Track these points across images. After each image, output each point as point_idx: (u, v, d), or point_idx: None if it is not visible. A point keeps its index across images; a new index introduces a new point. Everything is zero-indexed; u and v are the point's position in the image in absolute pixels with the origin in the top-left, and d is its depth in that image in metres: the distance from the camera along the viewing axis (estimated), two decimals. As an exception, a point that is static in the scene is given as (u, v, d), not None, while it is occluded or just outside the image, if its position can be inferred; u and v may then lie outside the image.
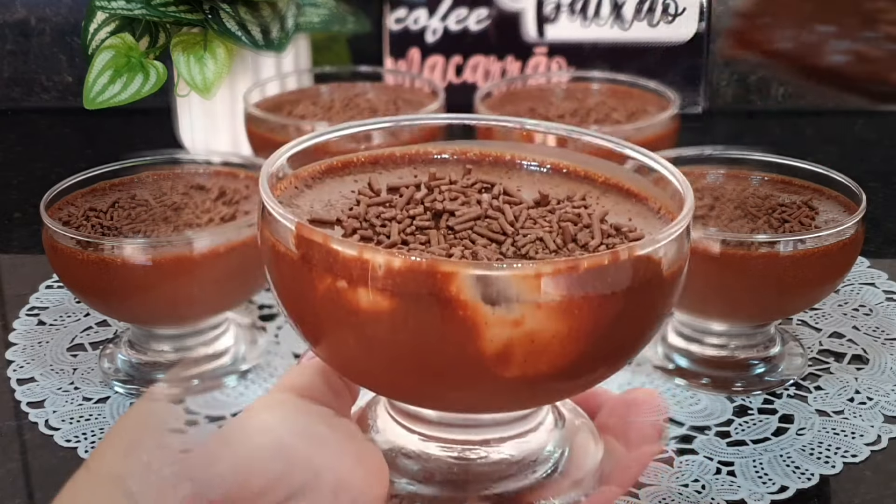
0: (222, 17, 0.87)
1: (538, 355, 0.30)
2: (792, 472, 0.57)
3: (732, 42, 0.91)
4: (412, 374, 0.32)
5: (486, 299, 0.29)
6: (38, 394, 0.65)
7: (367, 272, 0.30)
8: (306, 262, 0.32)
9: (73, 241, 0.61)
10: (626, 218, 0.37)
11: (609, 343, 0.32)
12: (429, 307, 0.30)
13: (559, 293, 0.30)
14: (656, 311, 0.34)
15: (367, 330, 0.31)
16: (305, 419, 0.33)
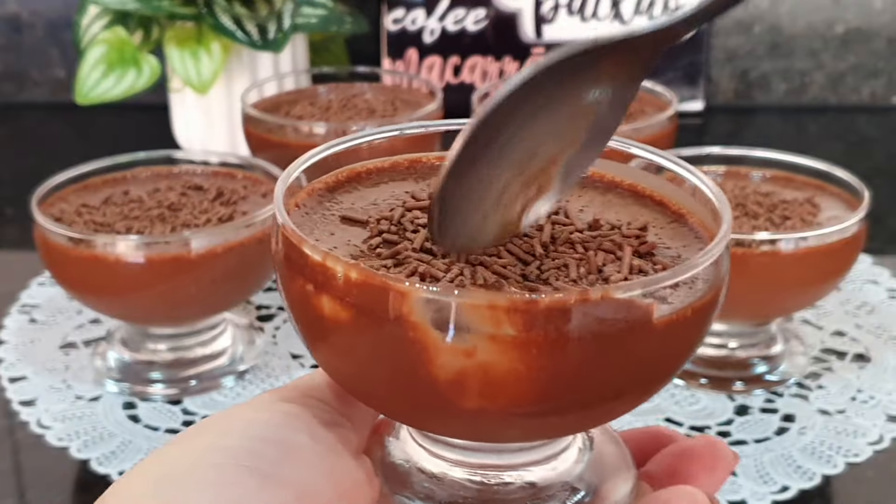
0: (217, 12, 0.86)
1: (495, 390, 0.29)
2: (794, 472, 0.57)
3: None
4: (379, 389, 0.32)
5: (435, 325, 0.28)
6: (30, 392, 0.64)
7: (329, 280, 0.29)
8: (288, 261, 0.31)
9: (65, 238, 0.60)
10: (677, 254, 0.34)
11: (581, 389, 0.30)
12: (381, 325, 0.29)
13: (514, 329, 0.28)
14: (643, 361, 0.30)
15: (332, 338, 0.31)
16: (281, 425, 0.32)
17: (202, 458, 0.30)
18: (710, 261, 0.30)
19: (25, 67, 1.14)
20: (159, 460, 0.30)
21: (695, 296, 0.30)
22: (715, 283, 0.31)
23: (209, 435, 0.31)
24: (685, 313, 0.30)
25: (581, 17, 1.07)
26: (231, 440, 0.31)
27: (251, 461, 0.30)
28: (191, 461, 0.30)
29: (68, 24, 1.08)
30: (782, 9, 1.10)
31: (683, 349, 0.32)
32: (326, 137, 0.77)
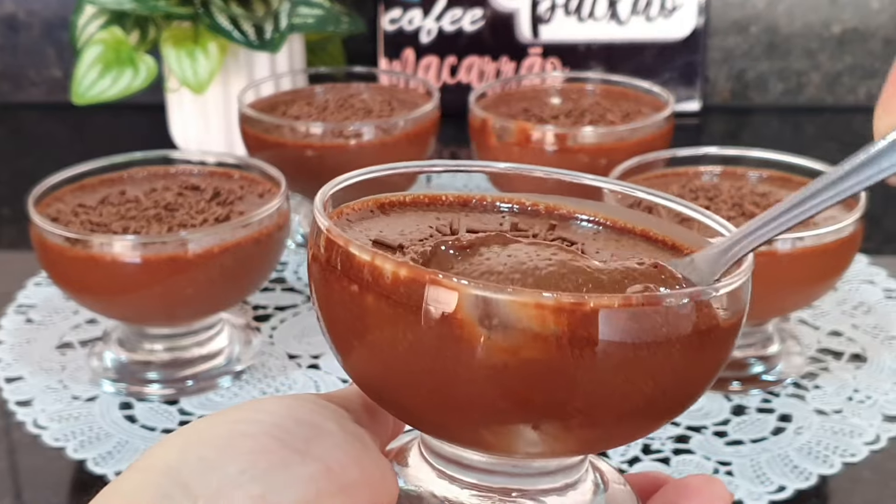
0: (213, 12, 0.86)
1: (534, 390, 0.29)
2: (790, 472, 0.57)
3: None
4: (416, 392, 0.32)
5: (482, 322, 0.29)
6: (26, 392, 0.64)
7: (377, 278, 0.30)
8: (329, 265, 0.32)
9: (62, 238, 0.60)
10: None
11: (617, 397, 0.30)
12: (427, 322, 0.29)
13: (559, 329, 0.28)
14: (680, 372, 0.31)
15: (373, 339, 0.31)
16: (313, 412, 0.32)
17: (235, 428, 0.31)
18: (745, 276, 0.32)
19: (22, 67, 1.14)
20: (193, 428, 0.31)
21: (733, 308, 0.31)
22: (744, 301, 0.32)
23: (243, 411, 0.32)
24: (724, 324, 0.31)
25: (578, 17, 1.07)
26: (265, 416, 0.31)
27: (283, 435, 0.31)
28: (224, 429, 0.31)
29: (65, 23, 1.08)
30: (779, 9, 1.11)
31: (717, 362, 0.33)
32: (323, 137, 0.77)
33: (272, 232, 0.63)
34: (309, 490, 0.30)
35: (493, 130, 0.80)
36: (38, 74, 1.14)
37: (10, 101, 1.14)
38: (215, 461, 0.29)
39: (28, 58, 1.13)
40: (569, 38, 1.08)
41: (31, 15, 1.12)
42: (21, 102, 1.14)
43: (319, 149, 0.77)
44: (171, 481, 0.28)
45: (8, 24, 1.12)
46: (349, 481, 0.31)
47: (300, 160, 0.77)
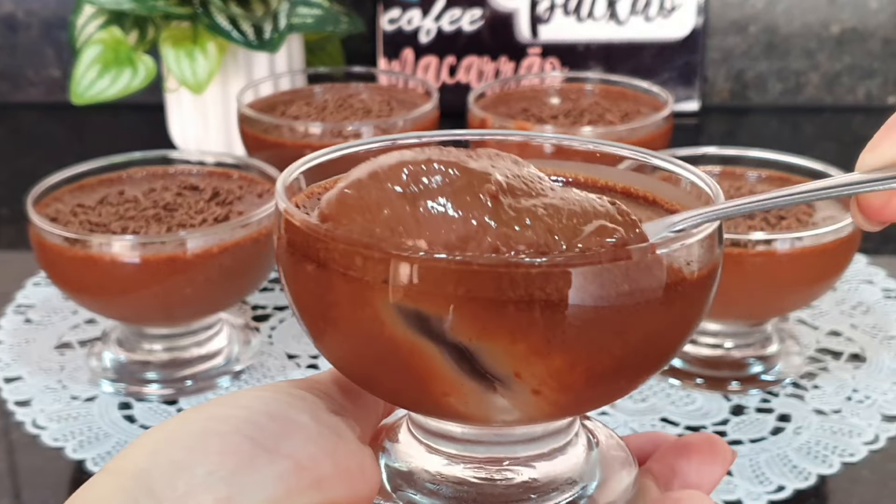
0: (212, 12, 0.86)
1: (502, 359, 0.29)
2: (789, 472, 0.57)
3: None
4: (384, 371, 0.31)
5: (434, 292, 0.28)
6: (25, 392, 0.64)
7: (334, 254, 0.29)
8: (292, 248, 0.32)
9: (61, 238, 0.60)
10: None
11: (585, 359, 0.29)
12: (384, 295, 0.29)
13: (516, 294, 0.28)
14: (651, 332, 0.30)
15: (336, 318, 0.31)
16: (287, 405, 0.32)
17: (205, 426, 0.30)
18: (713, 227, 0.31)
19: (21, 67, 1.14)
20: (165, 428, 0.31)
21: (701, 262, 0.31)
22: (714, 255, 0.31)
23: (216, 407, 0.32)
24: (691, 277, 0.30)
25: (577, 17, 1.07)
26: (237, 411, 0.31)
27: (254, 432, 0.30)
28: (195, 429, 0.30)
29: (64, 23, 1.08)
30: (778, 9, 1.11)
31: (688, 320, 0.32)
32: (322, 137, 0.77)
33: (271, 232, 0.63)
34: (278, 488, 0.30)
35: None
36: (36, 74, 1.14)
37: (8, 101, 1.14)
38: (184, 462, 0.29)
39: (27, 58, 1.13)
40: (568, 38, 1.08)
41: (30, 15, 1.12)
42: (20, 102, 1.14)
43: (318, 149, 0.76)
44: (139, 485, 0.28)
45: (7, 23, 1.12)
46: (321, 476, 0.31)
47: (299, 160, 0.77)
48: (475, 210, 0.30)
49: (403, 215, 0.30)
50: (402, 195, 0.30)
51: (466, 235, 0.29)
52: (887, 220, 0.32)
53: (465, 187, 0.30)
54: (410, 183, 0.30)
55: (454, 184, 0.30)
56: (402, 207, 0.30)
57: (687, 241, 0.30)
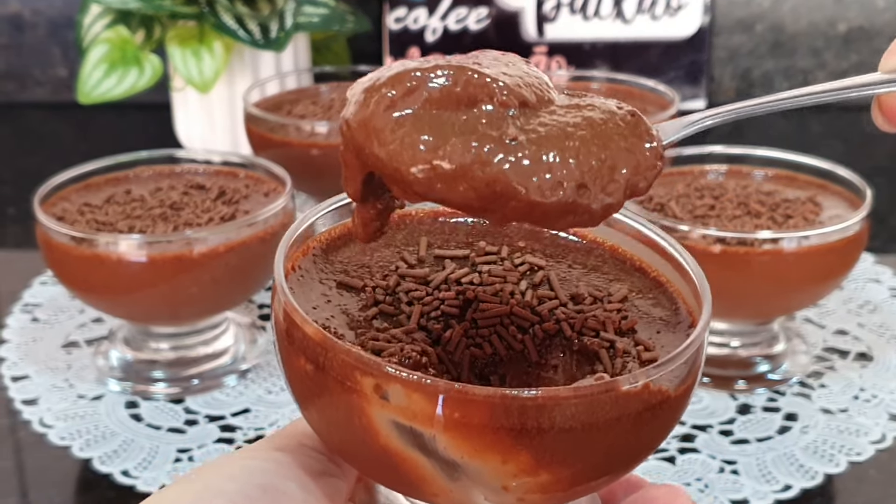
0: (219, 11, 0.86)
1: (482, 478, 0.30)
2: (796, 471, 0.56)
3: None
4: (359, 464, 0.33)
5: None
6: (32, 391, 0.64)
7: (327, 362, 0.30)
8: (289, 336, 0.32)
9: (68, 237, 0.60)
10: (656, 330, 0.34)
11: (563, 474, 0.30)
12: (341, 395, 0.29)
13: (490, 423, 0.28)
14: (658, 432, 0.31)
15: (316, 405, 0.31)
16: (273, 473, 0.33)
17: (200, 499, 0.31)
18: (692, 350, 0.31)
19: (27, 67, 1.14)
20: (160, 499, 0.32)
21: (688, 376, 0.31)
22: (696, 368, 0.32)
23: (208, 477, 0.32)
24: (681, 389, 0.31)
25: (583, 15, 1.07)
26: (229, 484, 0.32)
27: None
28: (189, 502, 0.31)
29: (70, 23, 1.08)
30: (784, 7, 1.10)
31: (674, 422, 0.32)
32: (328, 136, 0.77)
33: (277, 231, 0.63)
34: None
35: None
36: (43, 74, 1.14)
37: (15, 101, 1.15)
38: None
39: (33, 57, 1.13)
40: (574, 37, 1.08)
41: (37, 14, 1.12)
42: (26, 102, 1.14)
43: (324, 148, 0.77)
44: None
45: (13, 23, 1.12)
46: None
47: (305, 159, 0.77)
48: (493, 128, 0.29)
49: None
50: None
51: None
52: None
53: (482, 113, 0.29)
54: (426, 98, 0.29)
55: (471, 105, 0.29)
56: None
57: (673, 364, 0.30)
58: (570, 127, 0.29)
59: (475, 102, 0.29)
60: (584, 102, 0.30)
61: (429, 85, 0.29)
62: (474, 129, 0.28)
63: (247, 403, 0.63)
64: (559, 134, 0.29)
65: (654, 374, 0.29)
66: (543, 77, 0.31)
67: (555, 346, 0.33)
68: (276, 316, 0.32)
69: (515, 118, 0.29)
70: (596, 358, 0.32)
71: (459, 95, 0.29)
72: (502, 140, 0.28)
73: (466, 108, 0.29)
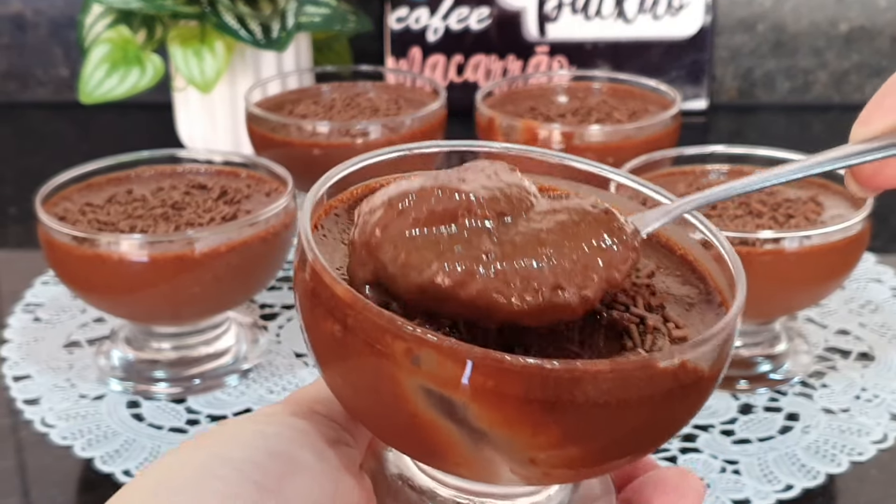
0: (220, 11, 0.86)
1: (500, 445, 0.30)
2: (798, 471, 0.56)
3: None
4: (382, 426, 0.32)
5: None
6: (34, 391, 0.64)
7: (350, 320, 0.29)
8: (315, 296, 0.31)
9: (69, 237, 0.60)
10: (685, 308, 0.34)
11: (585, 452, 0.30)
12: (394, 374, 0.29)
13: (516, 392, 0.28)
14: (685, 413, 0.31)
15: (342, 369, 0.31)
16: (289, 440, 0.32)
17: (207, 467, 0.30)
18: (729, 329, 0.31)
19: (29, 66, 1.14)
20: (164, 467, 0.30)
21: (721, 356, 0.31)
22: (727, 349, 0.31)
23: (216, 444, 0.31)
24: (714, 370, 0.31)
25: (585, 15, 1.07)
26: (237, 451, 0.31)
27: (256, 474, 0.30)
28: (195, 470, 0.30)
29: (72, 23, 1.08)
30: (786, 7, 1.10)
31: (703, 402, 0.32)
32: (330, 136, 0.77)
33: (279, 231, 0.63)
34: None
35: (499, 129, 0.80)
36: (45, 74, 1.14)
37: (17, 101, 1.15)
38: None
39: (35, 57, 1.13)
40: (575, 37, 1.08)
41: (38, 14, 1.12)
42: (28, 101, 1.15)
43: (326, 147, 0.77)
44: None
45: (15, 23, 1.12)
46: None
47: (307, 159, 0.77)
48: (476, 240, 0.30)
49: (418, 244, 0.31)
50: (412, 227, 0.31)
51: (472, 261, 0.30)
52: (881, 187, 0.33)
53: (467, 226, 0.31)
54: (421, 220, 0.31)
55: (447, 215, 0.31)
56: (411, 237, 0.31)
57: (711, 343, 0.30)
58: (544, 233, 0.31)
59: (455, 218, 0.31)
60: (561, 206, 0.32)
61: (419, 208, 0.31)
62: (455, 246, 0.30)
63: (248, 403, 0.63)
64: (533, 241, 0.31)
65: (691, 352, 0.29)
66: (525, 184, 0.33)
67: (582, 321, 0.32)
68: (300, 276, 0.32)
69: (493, 231, 0.31)
70: (626, 333, 0.32)
71: (442, 214, 0.31)
72: (479, 257, 0.30)
73: (449, 225, 0.31)
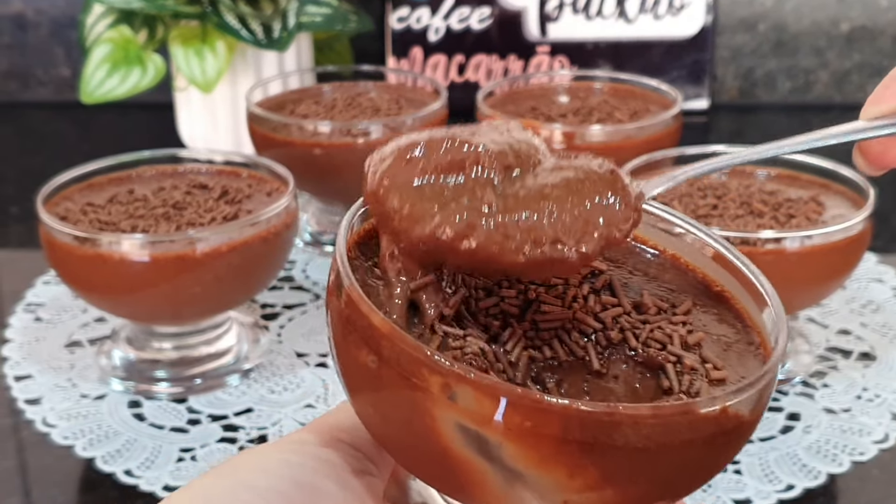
0: (222, 11, 0.86)
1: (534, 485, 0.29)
2: (799, 471, 0.56)
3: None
4: (410, 459, 0.32)
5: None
6: (35, 390, 0.64)
7: (378, 343, 0.29)
8: (350, 324, 0.31)
9: (70, 237, 0.60)
10: (722, 348, 0.34)
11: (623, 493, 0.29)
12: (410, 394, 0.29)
13: (555, 433, 0.28)
14: (724, 458, 0.31)
15: (372, 398, 0.31)
16: (314, 471, 0.32)
17: (233, 494, 0.30)
18: (770, 375, 0.30)
19: (30, 66, 1.14)
20: (191, 493, 0.31)
21: (761, 403, 0.31)
22: (767, 396, 0.31)
23: (243, 472, 0.31)
24: (753, 415, 0.30)
25: (586, 15, 1.07)
26: (263, 480, 0.31)
27: (281, 503, 0.30)
28: (221, 497, 0.30)
29: (73, 22, 1.08)
30: (787, 7, 1.10)
31: (742, 445, 0.32)
32: (331, 136, 0.77)
33: (280, 230, 0.63)
34: None
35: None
36: (46, 73, 1.14)
37: (18, 100, 1.15)
38: None
39: (36, 57, 1.13)
40: (577, 37, 1.08)
41: (40, 14, 1.12)
42: (29, 101, 1.15)
43: (327, 147, 0.77)
44: None
45: (16, 23, 1.12)
46: None
47: (308, 159, 0.77)
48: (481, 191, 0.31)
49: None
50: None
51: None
52: (888, 166, 0.33)
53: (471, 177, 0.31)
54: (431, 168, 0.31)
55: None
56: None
57: (753, 389, 0.30)
58: (548, 189, 0.31)
59: (462, 169, 0.31)
60: (568, 164, 0.32)
61: (429, 157, 0.32)
62: (459, 197, 0.31)
63: (249, 403, 0.63)
64: (536, 196, 0.31)
65: (733, 398, 0.29)
66: (535, 142, 0.33)
67: (617, 356, 0.32)
68: (334, 301, 0.31)
69: (498, 184, 0.31)
70: (662, 372, 0.32)
71: (449, 164, 0.31)
72: (481, 209, 0.31)
73: (456, 175, 0.31)
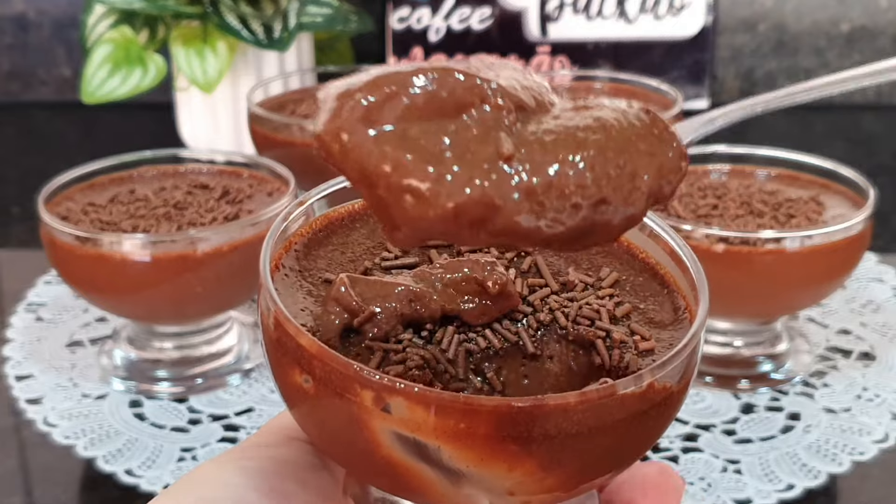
0: (223, 11, 0.86)
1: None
2: (799, 470, 0.57)
3: None
4: (346, 464, 0.32)
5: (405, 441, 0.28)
6: (37, 390, 0.64)
7: (303, 357, 0.29)
8: (280, 344, 0.31)
9: (72, 237, 0.60)
10: (650, 317, 0.33)
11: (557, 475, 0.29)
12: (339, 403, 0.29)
13: (486, 431, 0.28)
14: (658, 428, 0.31)
15: (304, 408, 0.31)
16: (273, 474, 0.32)
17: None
18: (694, 343, 0.30)
19: (32, 66, 1.14)
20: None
21: (688, 371, 0.31)
22: (694, 362, 0.31)
23: (201, 486, 0.31)
24: (683, 384, 0.30)
25: (586, 15, 1.07)
26: (221, 491, 0.31)
27: None
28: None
29: (74, 23, 1.08)
30: (787, 7, 1.10)
31: (674, 414, 0.32)
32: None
33: (281, 230, 0.63)
34: None
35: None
36: (47, 73, 1.14)
37: (19, 100, 1.15)
38: None
39: (38, 57, 1.14)
40: (577, 37, 1.08)
41: (41, 14, 1.12)
42: (31, 101, 1.15)
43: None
44: None
45: (18, 23, 1.13)
46: None
47: (309, 159, 0.77)
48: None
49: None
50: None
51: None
52: None
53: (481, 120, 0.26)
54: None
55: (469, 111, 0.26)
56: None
57: (677, 361, 0.30)
58: (581, 132, 0.25)
59: (464, 108, 0.25)
60: (592, 103, 0.27)
61: (410, 90, 0.25)
62: (465, 149, 0.25)
63: (250, 402, 0.63)
64: (568, 141, 0.25)
65: (658, 372, 0.29)
66: (542, 81, 0.28)
67: (550, 337, 0.32)
68: (264, 322, 0.31)
69: (511, 126, 0.25)
70: (593, 348, 0.32)
71: (445, 101, 0.25)
72: (497, 162, 0.24)
73: (454, 117, 0.25)
